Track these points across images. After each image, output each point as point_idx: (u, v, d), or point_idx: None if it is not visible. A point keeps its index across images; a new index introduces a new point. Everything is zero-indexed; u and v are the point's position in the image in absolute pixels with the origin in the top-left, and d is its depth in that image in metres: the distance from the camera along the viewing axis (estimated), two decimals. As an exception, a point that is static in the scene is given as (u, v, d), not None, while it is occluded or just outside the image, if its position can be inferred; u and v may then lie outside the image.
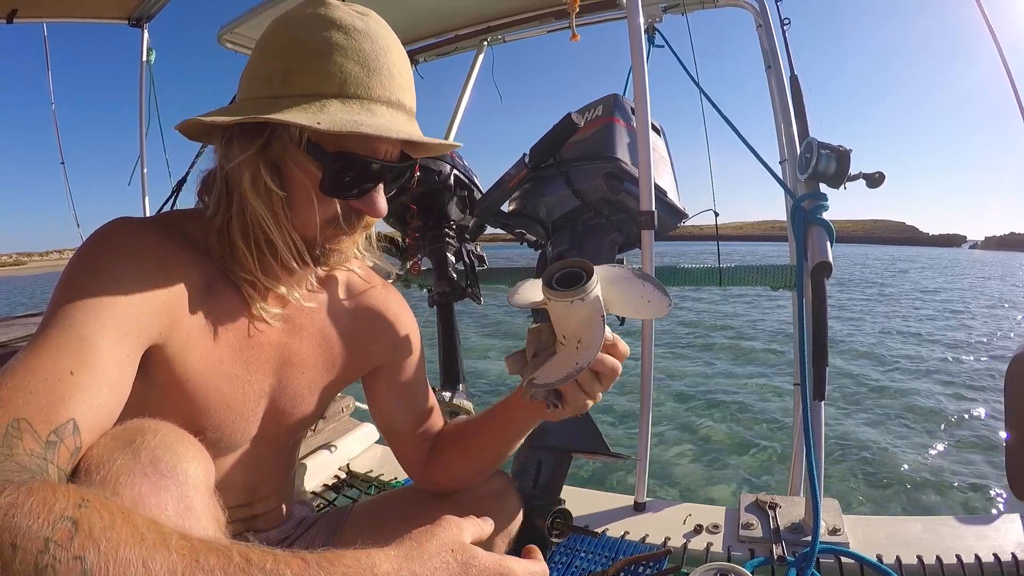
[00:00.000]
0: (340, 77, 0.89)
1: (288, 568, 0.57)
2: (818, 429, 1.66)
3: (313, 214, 0.95)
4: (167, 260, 0.90)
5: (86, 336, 0.76)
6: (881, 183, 1.78)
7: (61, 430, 0.67)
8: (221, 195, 0.96)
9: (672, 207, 1.95)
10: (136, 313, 0.83)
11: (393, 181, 1.02)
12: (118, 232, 0.89)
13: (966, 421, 6.17)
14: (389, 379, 1.25)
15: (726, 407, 6.60)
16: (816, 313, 1.71)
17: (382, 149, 0.96)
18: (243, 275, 0.99)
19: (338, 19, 0.91)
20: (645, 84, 1.79)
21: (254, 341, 1.04)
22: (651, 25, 2.47)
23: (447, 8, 2.73)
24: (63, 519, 0.52)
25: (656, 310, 0.96)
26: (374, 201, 0.97)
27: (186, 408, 0.95)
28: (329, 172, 0.92)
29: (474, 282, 2.28)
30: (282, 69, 0.90)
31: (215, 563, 0.55)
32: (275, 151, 0.92)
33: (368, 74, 0.90)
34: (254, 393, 1.05)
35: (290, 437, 1.20)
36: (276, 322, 1.06)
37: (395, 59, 0.94)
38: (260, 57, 0.94)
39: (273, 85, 0.90)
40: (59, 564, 0.50)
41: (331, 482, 2.27)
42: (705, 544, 1.70)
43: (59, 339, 0.74)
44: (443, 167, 2.16)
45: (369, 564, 0.62)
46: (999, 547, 1.59)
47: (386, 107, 0.92)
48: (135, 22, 3.22)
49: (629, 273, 0.97)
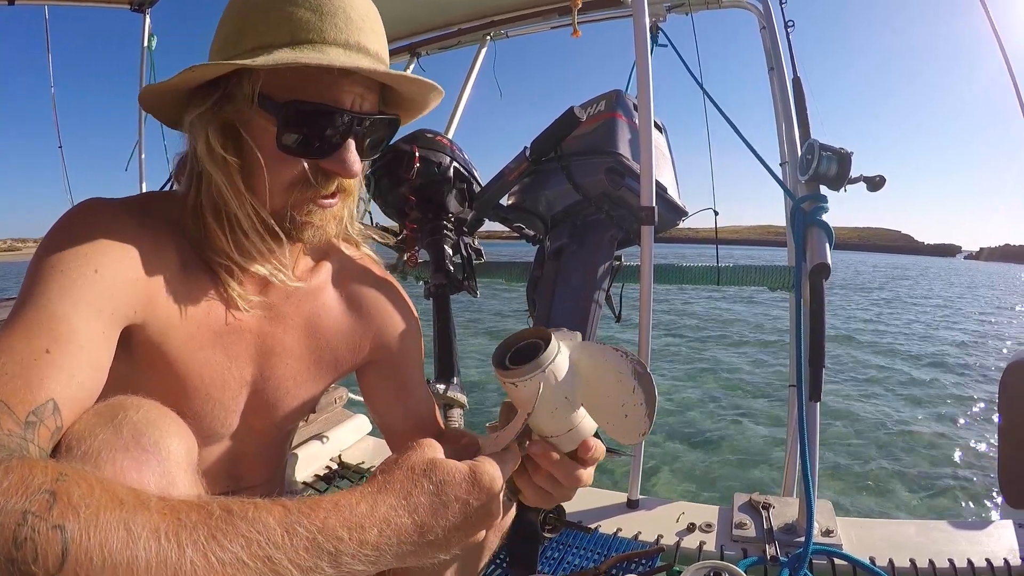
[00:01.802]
0: (290, 25, 0.85)
1: (270, 515, 0.56)
2: (813, 430, 1.66)
3: (275, 178, 0.90)
4: (140, 240, 0.87)
5: (60, 313, 0.74)
6: (882, 186, 1.78)
7: (40, 410, 0.66)
8: (192, 172, 0.93)
9: (672, 204, 1.94)
10: (109, 290, 0.80)
11: (373, 141, 0.96)
12: (89, 212, 0.87)
13: (961, 427, 6.20)
14: (383, 375, 1.19)
15: (721, 405, 6.61)
16: (814, 314, 1.71)
17: (347, 99, 0.89)
18: (217, 258, 0.94)
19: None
20: (649, 80, 1.79)
21: (232, 327, 0.99)
22: (655, 24, 2.47)
23: (450, 2, 2.73)
24: (41, 492, 0.51)
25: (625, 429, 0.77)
26: (343, 159, 0.90)
27: (167, 391, 0.91)
28: (283, 124, 0.86)
29: (471, 275, 2.27)
30: (235, 29, 0.88)
31: (196, 518, 0.54)
32: (228, 112, 0.89)
33: (320, 18, 0.86)
34: (235, 381, 1.01)
35: (278, 430, 1.15)
36: (255, 309, 1.01)
37: (353, 2, 0.89)
38: (220, 24, 0.92)
39: (228, 47, 0.88)
40: (38, 535, 0.48)
41: (322, 473, 2.27)
42: (698, 543, 1.69)
43: (32, 317, 0.73)
44: (443, 159, 2.16)
45: (347, 505, 0.61)
46: (992, 552, 1.59)
47: (343, 49, 0.87)
48: (137, 7, 3.19)
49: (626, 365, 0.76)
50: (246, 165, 0.90)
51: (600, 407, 0.78)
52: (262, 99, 0.86)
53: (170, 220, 0.94)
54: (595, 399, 0.78)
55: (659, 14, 2.49)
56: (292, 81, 0.86)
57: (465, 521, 0.68)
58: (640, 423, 0.76)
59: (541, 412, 0.75)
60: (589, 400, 0.79)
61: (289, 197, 0.92)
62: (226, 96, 0.88)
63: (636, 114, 1.87)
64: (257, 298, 1.00)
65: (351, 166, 0.91)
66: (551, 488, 0.84)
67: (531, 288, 2.00)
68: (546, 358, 0.73)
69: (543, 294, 1.88)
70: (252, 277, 0.99)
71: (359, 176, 0.97)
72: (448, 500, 0.66)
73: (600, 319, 1.81)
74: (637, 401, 0.75)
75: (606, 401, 0.77)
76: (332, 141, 0.89)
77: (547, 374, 0.73)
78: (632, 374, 0.75)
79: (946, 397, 7.54)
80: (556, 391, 0.75)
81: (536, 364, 0.73)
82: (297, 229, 0.94)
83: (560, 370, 0.74)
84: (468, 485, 0.68)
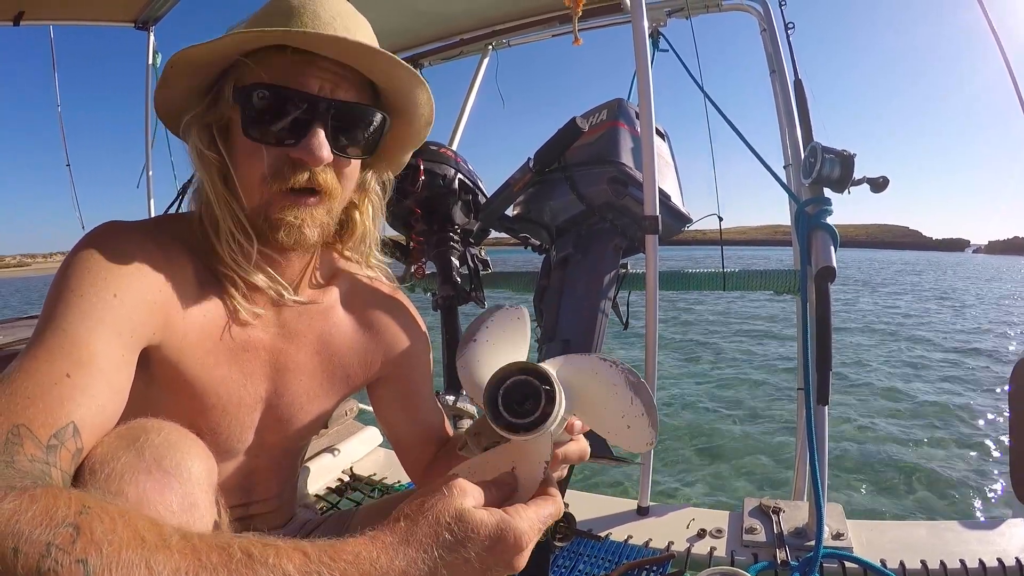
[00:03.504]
0: (264, 21, 0.90)
1: (290, 563, 0.55)
2: (822, 433, 1.66)
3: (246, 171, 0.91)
4: (157, 261, 0.89)
5: (80, 337, 0.75)
6: (885, 188, 1.78)
7: (61, 433, 0.67)
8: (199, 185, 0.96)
9: (676, 211, 1.95)
10: (128, 313, 0.81)
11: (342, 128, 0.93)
12: (107, 235, 0.88)
13: (972, 426, 6.15)
14: (394, 389, 1.21)
15: (730, 411, 6.59)
16: (820, 318, 1.71)
17: (314, 84, 0.89)
18: (223, 270, 0.96)
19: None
20: (650, 88, 1.80)
21: (247, 345, 1.01)
22: (655, 29, 2.47)
23: (452, 12, 2.74)
24: (65, 525, 0.52)
25: (632, 440, 0.74)
26: (309, 146, 0.88)
27: (184, 408, 0.94)
28: (246, 111, 0.87)
29: (478, 286, 2.28)
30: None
31: (217, 560, 0.54)
32: (213, 114, 0.92)
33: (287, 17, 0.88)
34: (250, 398, 1.02)
35: (291, 445, 1.17)
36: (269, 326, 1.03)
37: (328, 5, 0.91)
38: None
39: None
40: (61, 568, 0.50)
41: (334, 485, 2.27)
42: (708, 548, 1.69)
43: (53, 342, 0.74)
44: (448, 171, 2.17)
45: (368, 559, 0.59)
46: (1003, 552, 1.58)
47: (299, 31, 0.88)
48: (141, 25, 3.22)
49: (620, 377, 0.73)
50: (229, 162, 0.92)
51: (601, 421, 0.75)
52: (235, 92, 0.89)
53: (183, 239, 0.96)
54: (594, 414, 0.76)
55: (659, 19, 2.49)
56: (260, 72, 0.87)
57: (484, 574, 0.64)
58: (644, 432, 0.73)
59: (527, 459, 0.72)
60: (589, 416, 0.76)
61: (263, 192, 0.91)
62: (214, 98, 0.92)
63: (638, 122, 1.87)
64: (262, 310, 1.01)
65: (316, 151, 0.88)
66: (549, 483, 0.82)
67: (538, 298, 2.01)
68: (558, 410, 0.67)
69: (550, 304, 1.89)
70: (260, 292, 1.00)
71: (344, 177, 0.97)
72: (470, 557, 0.62)
73: (607, 327, 1.82)
74: (637, 412, 0.72)
75: (606, 414, 0.74)
76: (298, 127, 0.89)
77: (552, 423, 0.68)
78: (626, 384, 0.73)
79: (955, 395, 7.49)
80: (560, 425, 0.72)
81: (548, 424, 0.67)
82: (272, 228, 0.92)
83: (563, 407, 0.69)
84: (492, 543, 0.63)
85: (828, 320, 1.71)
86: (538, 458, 0.71)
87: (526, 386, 0.67)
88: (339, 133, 0.92)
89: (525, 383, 0.67)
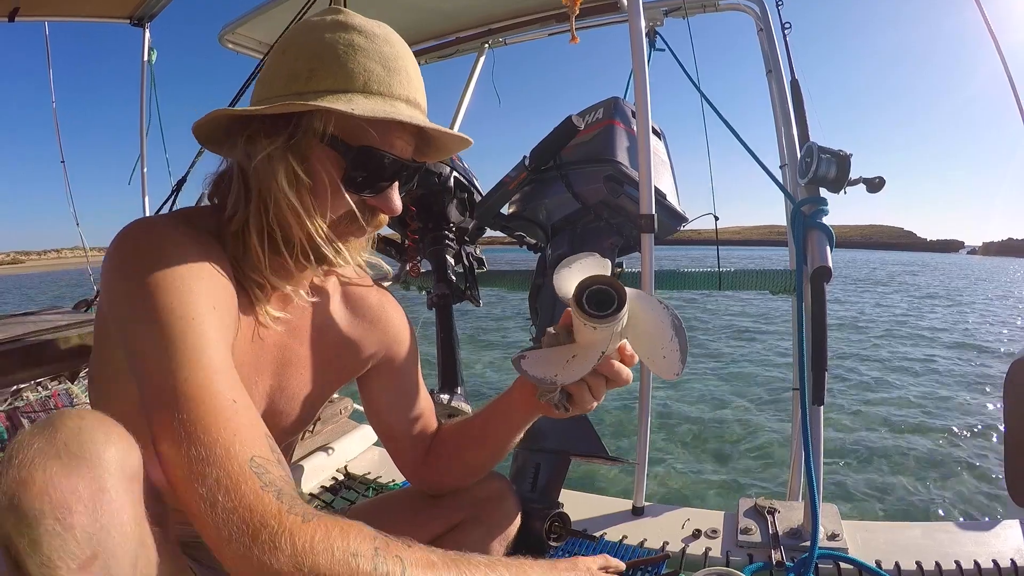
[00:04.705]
0: (364, 75, 0.93)
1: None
2: (817, 434, 1.66)
3: (327, 208, 0.97)
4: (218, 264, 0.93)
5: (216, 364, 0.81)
6: (881, 188, 1.78)
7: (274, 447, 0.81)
8: (239, 194, 0.97)
9: (672, 211, 1.95)
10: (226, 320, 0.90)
11: (405, 181, 1.04)
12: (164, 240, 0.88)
13: (966, 426, 6.17)
14: (383, 380, 1.27)
15: (726, 411, 6.60)
16: (815, 318, 1.70)
17: (398, 147, 0.99)
18: (253, 276, 1.00)
19: (358, 25, 0.97)
20: (646, 87, 1.79)
21: (259, 342, 1.05)
22: (652, 29, 2.47)
23: (449, 10, 2.74)
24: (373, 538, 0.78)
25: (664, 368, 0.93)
26: (390, 199, 1.01)
27: None
28: (352, 166, 0.95)
29: (473, 285, 2.28)
30: (307, 68, 0.94)
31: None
32: (301, 145, 0.94)
33: (388, 73, 0.95)
34: (255, 392, 1.05)
35: (285, 438, 1.19)
36: (278, 324, 1.07)
37: (410, 63, 1.00)
38: (283, 59, 0.97)
39: (298, 83, 0.93)
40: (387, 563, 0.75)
41: (329, 484, 2.27)
42: (703, 549, 1.69)
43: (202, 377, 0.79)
44: (443, 169, 2.16)
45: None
46: (998, 553, 1.58)
47: (405, 104, 0.97)
48: (137, 21, 3.22)
49: (667, 318, 0.93)
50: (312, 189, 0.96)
51: (644, 347, 0.95)
52: (333, 140, 0.94)
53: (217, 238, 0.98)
54: (641, 340, 0.95)
55: (656, 19, 2.48)
56: (358, 126, 0.94)
57: None
58: (674, 364, 0.92)
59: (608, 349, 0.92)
60: (636, 339, 0.95)
61: (338, 226, 1.00)
62: (299, 128, 0.94)
63: (634, 121, 1.87)
64: (281, 314, 1.07)
65: (395, 204, 1.02)
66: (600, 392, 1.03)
67: (533, 296, 2.01)
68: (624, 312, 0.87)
69: (545, 303, 1.88)
70: (277, 294, 1.06)
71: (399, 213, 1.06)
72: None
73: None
74: (674, 348, 0.91)
75: (649, 343, 0.94)
76: (384, 183, 1.00)
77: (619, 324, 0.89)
78: (671, 327, 0.92)
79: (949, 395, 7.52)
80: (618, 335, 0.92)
81: (616, 316, 0.86)
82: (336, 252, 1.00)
83: (624, 319, 0.89)
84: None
85: (824, 320, 1.70)
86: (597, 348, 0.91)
87: (605, 295, 0.88)
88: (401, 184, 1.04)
89: (605, 292, 0.88)
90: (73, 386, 1.79)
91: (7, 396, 1.63)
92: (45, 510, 0.60)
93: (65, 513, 0.61)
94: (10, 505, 0.60)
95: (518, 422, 1.19)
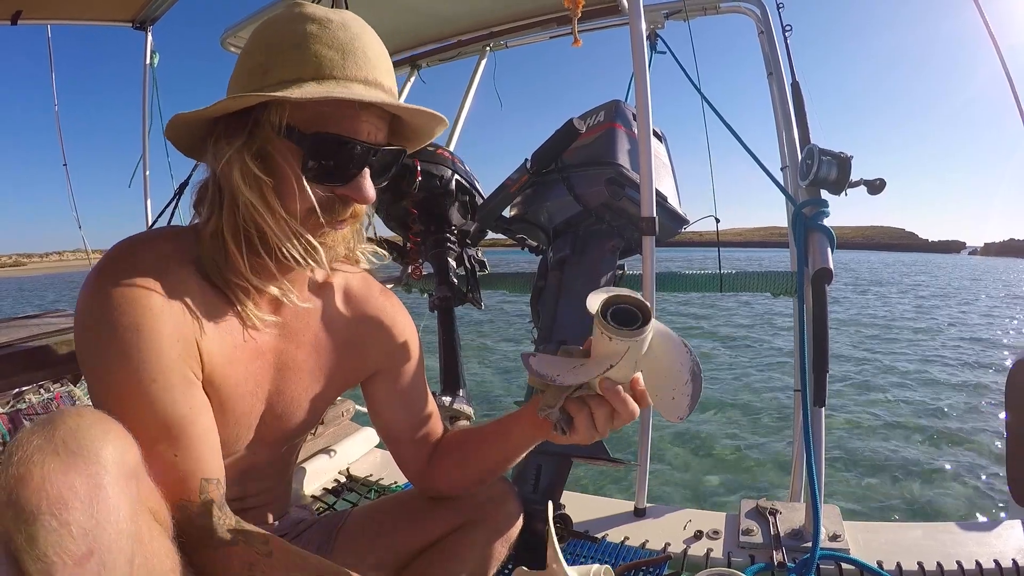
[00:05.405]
0: (315, 61, 0.91)
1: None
2: (818, 435, 1.66)
3: (295, 203, 0.94)
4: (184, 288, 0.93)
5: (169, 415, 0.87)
6: (882, 190, 1.78)
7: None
8: (214, 198, 0.97)
9: (673, 213, 1.95)
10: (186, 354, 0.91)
11: (382, 169, 1.01)
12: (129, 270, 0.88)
13: (967, 426, 6.15)
14: (387, 385, 1.25)
15: (727, 412, 6.59)
16: (816, 320, 1.71)
17: (364, 131, 0.96)
18: (235, 280, 0.98)
19: (312, 13, 0.95)
20: (647, 90, 1.79)
21: (250, 346, 1.03)
22: (653, 31, 2.48)
23: (450, 13, 2.74)
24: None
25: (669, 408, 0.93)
26: (360, 187, 0.97)
27: None
28: (309, 154, 0.93)
29: (475, 287, 2.28)
30: (263, 63, 0.93)
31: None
32: (258, 140, 0.93)
33: (343, 56, 0.93)
34: (251, 397, 1.04)
35: (287, 442, 1.19)
36: (272, 329, 1.06)
37: (369, 43, 0.96)
38: (243, 57, 0.97)
39: (255, 79, 0.92)
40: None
41: (331, 486, 2.27)
42: (705, 550, 1.69)
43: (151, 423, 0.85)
44: (444, 172, 2.17)
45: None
46: (1000, 553, 1.59)
47: (363, 85, 0.94)
48: (139, 25, 3.22)
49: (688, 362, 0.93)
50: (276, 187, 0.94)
51: (657, 383, 0.94)
52: (288, 129, 0.92)
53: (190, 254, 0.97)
54: (656, 375, 0.94)
55: (657, 21, 2.49)
56: (315, 113, 0.92)
57: None
58: (681, 408, 0.92)
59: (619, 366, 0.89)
60: (651, 373, 0.94)
61: (308, 220, 0.96)
62: (256, 125, 0.93)
63: (636, 124, 1.87)
64: (271, 317, 1.05)
65: (366, 192, 0.97)
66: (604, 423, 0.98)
67: (535, 299, 2.01)
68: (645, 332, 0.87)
69: (547, 305, 1.88)
70: (266, 297, 1.03)
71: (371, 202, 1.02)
72: None
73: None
74: (686, 392, 0.92)
75: (664, 380, 0.94)
76: (351, 170, 0.96)
77: (637, 343, 0.87)
78: (689, 371, 0.92)
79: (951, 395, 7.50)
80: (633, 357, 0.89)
81: (636, 334, 0.85)
82: (314, 249, 0.98)
83: (644, 344, 0.88)
84: None
85: (825, 322, 1.71)
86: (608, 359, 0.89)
87: (630, 314, 0.88)
88: (376, 171, 1.00)
89: (631, 312, 0.88)
90: (75, 388, 1.79)
91: (9, 398, 1.64)
92: (42, 506, 0.61)
93: (62, 509, 0.62)
94: (8, 500, 0.61)
95: (517, 439, 1.18)
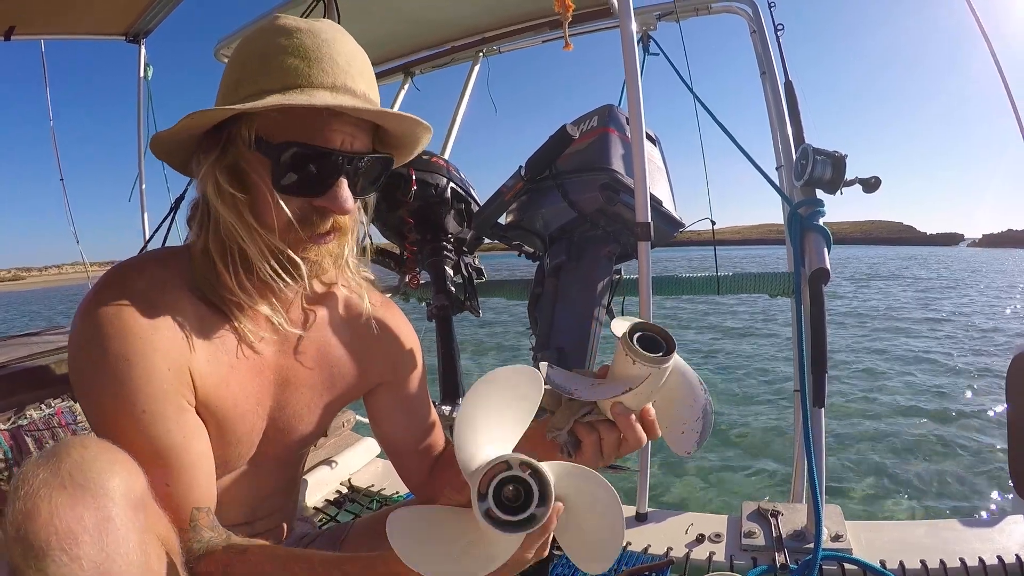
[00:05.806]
0: (281, 73, 0.90)
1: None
2: (819, 435, 1.66)
3: (271, 217, 0.93)
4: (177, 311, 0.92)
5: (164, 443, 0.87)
6: (877, 188, 1.78)
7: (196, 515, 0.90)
8: (202, 216, 0.97)
9: (668, 217, 1.95)
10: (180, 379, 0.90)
11: (360, 176, 0.97)
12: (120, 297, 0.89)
13: (968, 421, 6.14)
14: (390, 396, 1.24)
15: (726, 414, 6.57)
16: (815, 319, 1.70)
17: (337, 139, 0.93)
18: (228, 296, 0.97)
19: (282, 25, 0.94)
20: (639, 93, 1.79)
21: (250, 362, 1.02)
22: (645, 33, 2.48)
23: (442, 20, 2.74)
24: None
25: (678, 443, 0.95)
26: (336, 196, 0.93)
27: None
28: (277, 165, 0.90)
29: (472, 295, 2.28)
30: (235, 79, 0.93)
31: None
32: (230, 155, 0.93)
33: (308, 64, 0.91)
34: (252, 413, 1.04)
35: (290, 457, 1.19)
36: (270, 345, 1.05)
37: (339, 49, 0.94)
38: (224, 72, 0.97)
39: (228, 95, 0.93)
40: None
41: (333, 497, 2.27)
42: (707, 553, 1.69)
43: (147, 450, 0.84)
44: (440, 180, 2.17)
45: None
46: (1003, 549, 1.58)
47: (329, 91, 0.91)
48: (132, 38, 3.22)
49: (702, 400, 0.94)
50: (252, 202, 0.94)
51: (668, 416, 0.95)
52: (258, 142, 0.91)
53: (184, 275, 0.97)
54: (668, 409, 0.95)
55: (649, 23, 2.49)
56: (285, 124, 0.90)
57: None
58: (690, 444, 0.94)
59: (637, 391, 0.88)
60: (664, 406, 0.94)
61: (286, 235, 0.94)
62: (229, 140, 0.92)
63: (629, 128, 1.87)
64: (268, 334, 1.04)
65: (343, 203, 0.94)
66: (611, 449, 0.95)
67: (532, 305, 2.01)
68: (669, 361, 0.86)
69: (544, 311, 1.88)
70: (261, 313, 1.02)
71: (353, 213, 1.00)
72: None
73: (601, 334, 1.82)
74: (695, 429, 0.93)
75: (675, 414, 0.94)
76: (325, 180, 0.93)
77: (659, 371, 0.87)
78: (702, 409, 0.94)
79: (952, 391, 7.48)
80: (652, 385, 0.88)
81: (660, 361, 0.85)
82: (294, 265, 0.96)
83: (665, 373, 0.88)
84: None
85: (823, 322, 1.70)
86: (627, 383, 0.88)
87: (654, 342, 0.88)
88: (357, 180, 0.97)
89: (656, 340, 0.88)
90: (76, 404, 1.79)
91: (10, 414, 1.64)
92: (52, 541, 0.61)
93: (72, 544, 0.62)
94: (17, 536, 0.61)
95: None
